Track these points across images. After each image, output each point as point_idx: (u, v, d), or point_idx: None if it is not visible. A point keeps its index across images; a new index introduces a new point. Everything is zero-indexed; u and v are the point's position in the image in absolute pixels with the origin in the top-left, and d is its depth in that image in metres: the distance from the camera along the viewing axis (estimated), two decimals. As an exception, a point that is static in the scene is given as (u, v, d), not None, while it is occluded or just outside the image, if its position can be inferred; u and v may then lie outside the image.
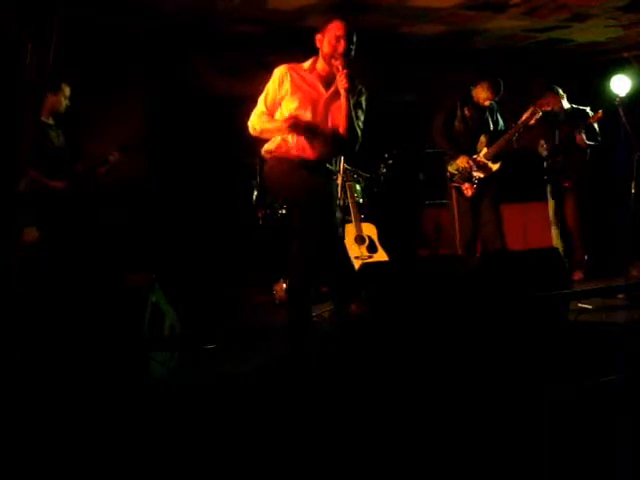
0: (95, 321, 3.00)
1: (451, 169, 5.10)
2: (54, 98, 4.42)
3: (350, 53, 3.27)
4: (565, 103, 5.57)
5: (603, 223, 5.91)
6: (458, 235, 5.02)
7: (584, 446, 2.08)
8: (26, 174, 2.67)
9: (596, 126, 5.54)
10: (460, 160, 5.00)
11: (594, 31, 6.39)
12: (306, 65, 3.39)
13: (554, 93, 5.49)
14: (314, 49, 3.38)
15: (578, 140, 5.47)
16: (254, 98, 3.43)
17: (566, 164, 5.59)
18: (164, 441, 2.26)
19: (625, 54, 6.86)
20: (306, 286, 3.34)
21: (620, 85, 5.64)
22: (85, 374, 2.99)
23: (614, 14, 5.86)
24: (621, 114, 5.22)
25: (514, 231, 5.16)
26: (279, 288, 5.23)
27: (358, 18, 5.60)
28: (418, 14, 5.71)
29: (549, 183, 5.75)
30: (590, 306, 4.23)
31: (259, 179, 5.60)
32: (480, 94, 5.03)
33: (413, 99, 7.33)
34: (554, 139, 5.63)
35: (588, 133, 5.49)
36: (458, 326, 2.98)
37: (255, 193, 5.70)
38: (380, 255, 5.32)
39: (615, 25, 6.20)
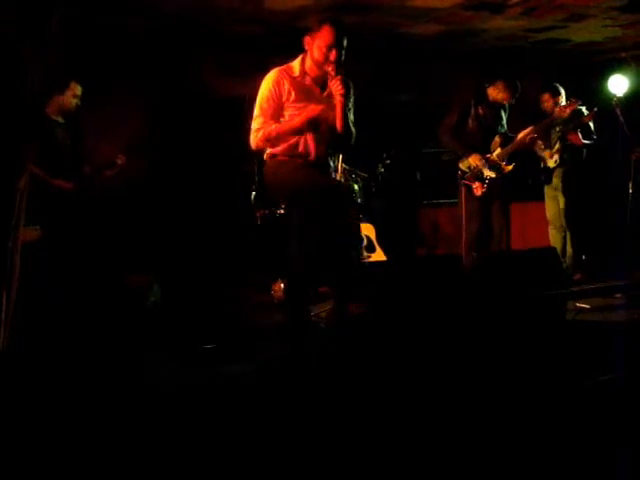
0: (95, 321, 3.00)
1: (462, 166, 5.04)
2: (61, 97, 4.40)
3: (341, 59, 3.27)
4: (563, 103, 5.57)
5: (602, 223, 5.93)
6: (464, 234, 4.95)
7: (584, 446, 2.09)
8: (27, 172, 2.66)
9: (591, 125, 5.50)
10: (472, 158, 4.94)
11: (592, 31, 6.41)
12: (296, 70, 3.37)
13: (571, 100, 5.20)
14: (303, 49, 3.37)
15: (574, 139, 5.42)
16: (254, 98, 3.42)
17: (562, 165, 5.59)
18: (164, 441, 2.27)
19: (623, 54, 6.87)
20: (304, 286, 3.35)
21: (617, 85, 5.65)
22: (85, 374, 3.00)
23: (611, 14, 5.87)
24: (618, 114, 5.24)
25: (513, 231, 5.15)
26: (277, 288, 5.22)
27: (358, 18, 5.62)
28: (417, 14, 5.71)
29: (546, 184, 5.75)
30: (588, 306, 4.25)
31: (258, 180, 5.60)
32: (496, 94, 4.99)
33: (410, 99, 7.33)
34: (550, 139, 5.62)
35: (583, 132, 5.48)
36: (456, 325, 3.00)
37: (254, 193, 5.70)
38: (378, 255, 5.33)
39: (612, 25, 6.21)
